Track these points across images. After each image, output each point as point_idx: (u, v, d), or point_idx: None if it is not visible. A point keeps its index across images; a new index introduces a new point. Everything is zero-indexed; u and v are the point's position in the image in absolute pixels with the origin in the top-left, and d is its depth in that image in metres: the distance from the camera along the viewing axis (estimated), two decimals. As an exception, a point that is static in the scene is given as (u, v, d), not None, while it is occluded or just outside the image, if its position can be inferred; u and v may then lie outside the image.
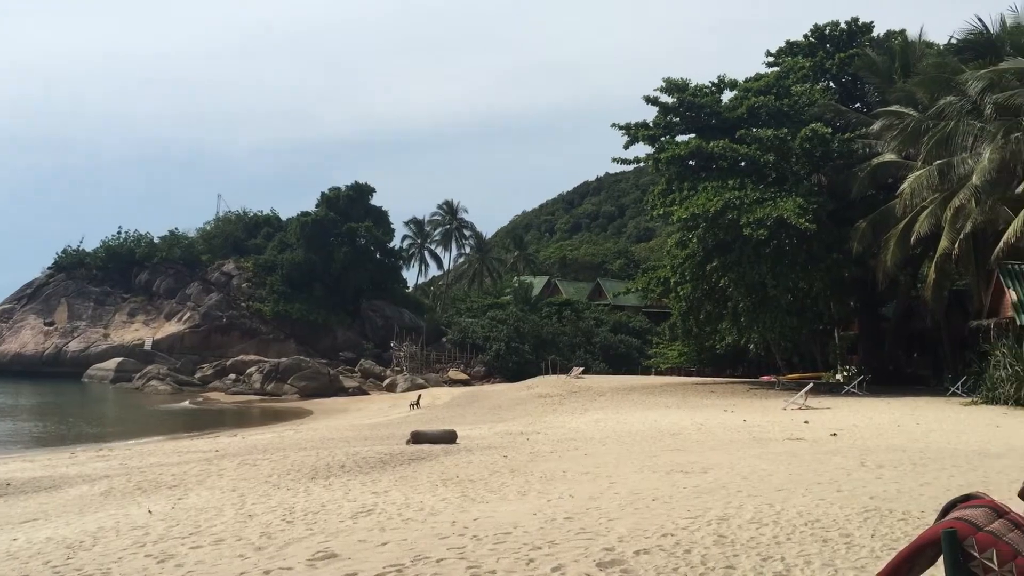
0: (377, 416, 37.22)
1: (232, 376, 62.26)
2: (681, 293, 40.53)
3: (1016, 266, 29.72)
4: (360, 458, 15.79)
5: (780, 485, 11.61)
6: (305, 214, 74.86)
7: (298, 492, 12.00)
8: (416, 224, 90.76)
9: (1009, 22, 34.43)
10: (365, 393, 57.73)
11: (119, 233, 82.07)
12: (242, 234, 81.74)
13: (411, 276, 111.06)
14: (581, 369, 54.46)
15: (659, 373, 59.77)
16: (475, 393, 47.91)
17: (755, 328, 40.78)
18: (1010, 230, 26.50)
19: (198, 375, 64.54)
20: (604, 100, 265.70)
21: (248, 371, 60.80)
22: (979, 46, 34.68)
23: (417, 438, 19.09)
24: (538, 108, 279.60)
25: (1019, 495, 7.92)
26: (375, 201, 77.56)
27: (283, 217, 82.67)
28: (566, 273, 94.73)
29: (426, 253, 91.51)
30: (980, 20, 35.82)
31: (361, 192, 76.42)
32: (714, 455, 15.28)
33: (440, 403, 42.01)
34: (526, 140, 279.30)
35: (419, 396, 42.42)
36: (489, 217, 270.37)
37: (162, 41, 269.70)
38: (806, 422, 22.76)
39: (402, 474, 13.74)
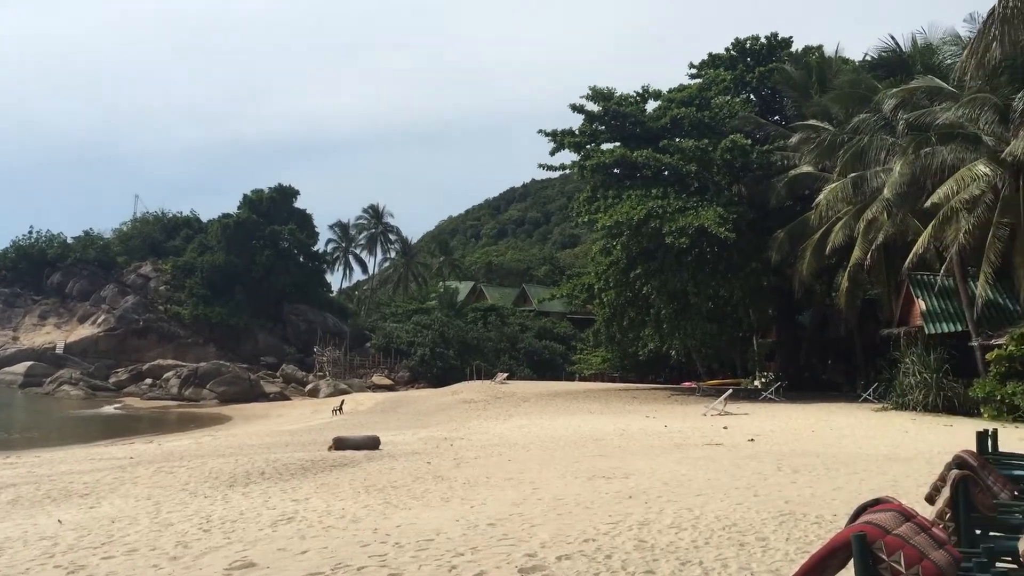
0: (299, 422, 36.72)
1: (148, 381, 60.73)
2: (605, 299, 40.97)
3: (925, 276, 30.82)
4: (280, 465, 15.55)
5: (699, 490, 11.82)
6: (227, 216, 73.47)
7: (216, 500, 11.75)
8: (341, 228, 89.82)
9: (920, 42, 35.76)
10: (287, 398, 56.90)
11: (30, 233, 79.49)
12: (160, 236, 79.80)
13: (335, 280, 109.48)
14: (506, 375, 54.59)
15: (583, 379, 60.28)
16: (399, 399, 47.63)
17: (677, 335, 41.48)
18: (919, 242, 27.44)
19: (113, 380, 62.76)
20: (529, 106, 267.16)
21: (165, 376, 59.39)
22: (892, 64, 35.91)
23: (339, 444, 18.89)
24: (461, 112, 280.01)
25: (926, 499, 8.21)
26: (299, 204, 76.66)
27: (204, 219, 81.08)
28: (492, 279, 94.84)
29: (351, 257, 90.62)
30: (893, 39, 37.22)
31: (285, 194, 75.35)
32: (636, 460, 15.47)
33: (363, 409, 41.65)
34: (452, 144, 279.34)
35: (342, 402, 42.00)
36: (415, 222, 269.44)
37: (71, 30, 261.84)
38: (725, 428, 23.21)
39: (323, 481, 13.58)
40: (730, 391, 33.45)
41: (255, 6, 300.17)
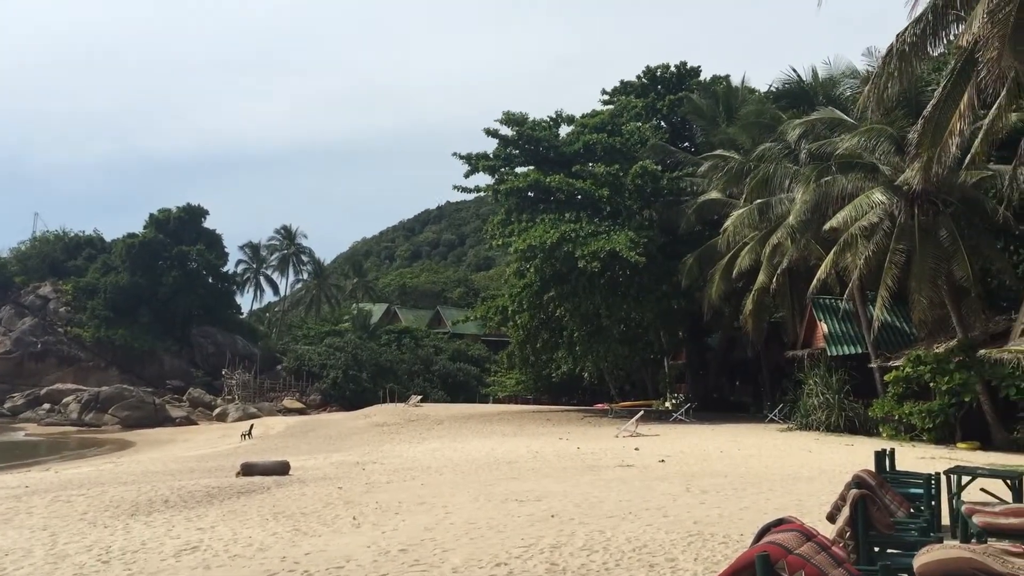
0: (206, 447, 35.75)
1: (47, 406, 58.33)
2: (519, 322, 41.16)
3: (827, 300, 31.86)
4: (185, 492, 15.11)
5: (611, 512, 11.93)
6: (132, 235, 71.42)
7: (116, 530, 11.35)
8: (252, 248, 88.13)
9: (821, 74, 37.15)
10: (194, 423, 55.37)
11: (-79, 251, 75.82)
12: (61, 255, 77.03)
13: (246, 302, 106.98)
14: (419, 397, 54.26)
15: (497, 401, 60.31)
16: (311, 422, 46.83)
17: (589, 357, 41.93)
18: (822, 267, 28.38)
19: (8, 405, 60.10)
20: (444, 128, 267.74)
21: (65, 401, 57.14)
22: (795, 95, 37.21)
23: (248, 470, 18.47)
24: (376, 133, 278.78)
25: (827, 517, 8.45)
26: (209, 224, 75.05)
27: (107, 238, 78.61)
28: (406, 301, 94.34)
29: (262, 278, 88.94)
30: (795, 71, 38.58)
31: (193, 214, 73.67)
32: (548, 483, 15.53)
33: (274, 433, 40.81)
34: (366, 165, 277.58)
35: (251, 426, 41.08)
36: (329, 243, 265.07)
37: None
38: (637, 449, 23.48)
39: (231, 508, 13.25)
40: (641, 413, 33.88)
41: (168, 21, 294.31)
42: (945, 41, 18.02)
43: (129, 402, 54.71)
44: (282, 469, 18.70)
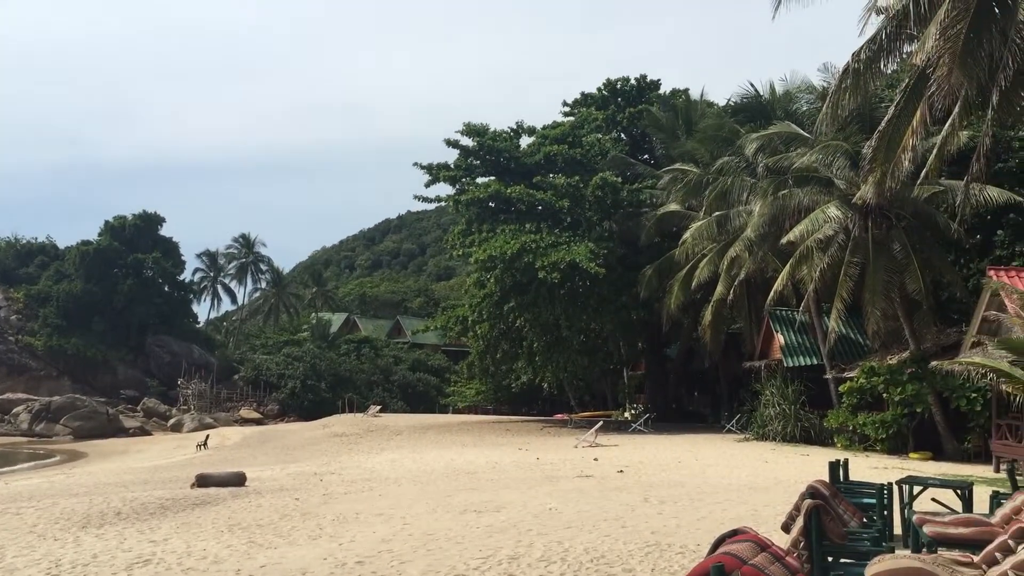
0: (160, 458, 35.22)
1: (-5, 416, 57.05)
2: (479, 332, 41.13)
3: (784, 312, 32.25)
4: (138, 504, 14.87)
5: (569, 522, 11.95)
6: (86, 243, 70.21)
7: (67, 543, 11.14)
8: (209, 256, 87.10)
9: (778, 89, 37.68)
10: (148, 434, 54.52)
11: None
12: (12, 262, 75.50)
13: (203, 311, 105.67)
14: (379, 407, 53.96)
15: (457, 411, 60.16)
16: (268, 432, 46.37)
17: (549, 367, 42.01)
18: (778, 279, 28.74)
19: (-45, 416, 58.66)
20: (406, 137, 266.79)
21: (15, 411, 55.97)
22: (753, 109, 37.70)
23: (203, 481, 18.23)
24: (337, 141, 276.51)
25: (782, 527, 8.53)
26: (165, 231, 74.02)
27: (61, 245, 77.19)
28: (366, 310, 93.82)
29: (219, 287, 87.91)
30: (753, 85, 39.07)
31: (150, 221, 72.66)
32: (507, 493, 15.53)
33: (230, 443, 40.33)
34: (326, 174, 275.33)
35: (207, 436, 40.58)
36: (288, 252, 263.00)
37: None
38: (596, 459, 23.55)
39: (184, 520, 13.07)
40: (601, 423, 33.98)
41: (123, 28, 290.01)
42: (898, 58, 18.41)
43: (81, 412, 53.74)
44: (238, 480, 18.48)
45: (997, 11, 16.17)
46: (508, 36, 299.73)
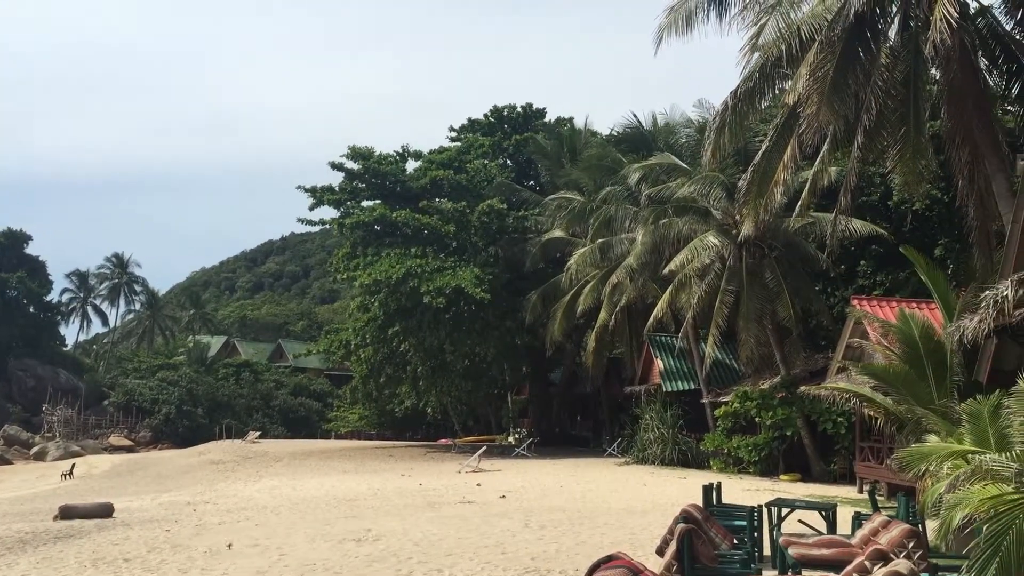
0: (21, 488, 33.32)
1: None
2: (363, 356, 40.67)
3: (663, 338, 33.08)
4: (-5, 539, 14.04)
5: (450, 549, 11.89)
6: (-56, 261, 66.34)
7: (-88, 583, 10.43)
8: (79, 277, 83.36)
9: (660, 121, 38.75)
10: (8, 463, 51.43)
11: None
12: None
13: (71, 333, 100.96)
14: (258, 433, 52.66)
15: (339, 437, 59.23)
16: (140, 461, 44.56)
17: (433, 392, 41.88)
18: (658, 306, 29.52)
19: None
20: (291, 158, 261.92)
21: None
22: (635, 139, 38.67)
23: (66, 513, 17.33)
24: (219, 160, 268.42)
25: (657, 551, 8.69)
26: (31, 250, 70.55)
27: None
28: (246, 333, 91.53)
29: (90, 308, 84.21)
30: (636, 116, 40.09)
31: (14, 239, 69.14)
32: (388, 521, 15.34)
33: (98, 472, 38.52)
34: (207, 193, 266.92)
35: (73, 465, 38.62)
36: (165, 273, 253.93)
37: None
38: (478, 485, 23.52)
39: (46, 555, 12.41)
40: (484, 448, 34.00)
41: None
42: (773, 95, 19.30)
43: (-66, 440, 50.44)
44: (105, 511, 17.66)
45: (862, 54, 17.14)
46: (391, 57, 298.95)
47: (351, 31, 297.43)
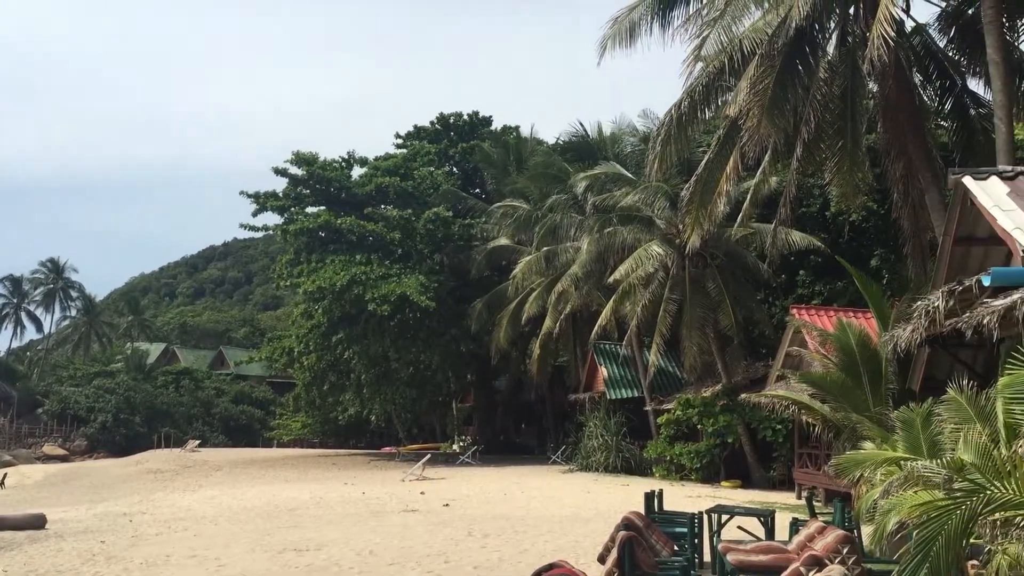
0: (-52, 500, 32.31)
1: None
2: (306, 363, 40.23)
3: (608, 346, 33.29)
4: (-80, 552, 13.59)
5: (392, 559, 11.81)
6: None
7: None
8: (13, 282, 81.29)
9: (606, 131, 39.07)
10: (-65, 473, 49.92)
11: None
12: None
13: (3, 340, 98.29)
14: (198, 442, 51.82)
15: (282, 445, 58.52)
16: (75, 470, 43.45)
17: (377, 399, 41.59)
18: (603, 314, 29.74)
19: None
20: (233, 163, 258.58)
21: None
22: (581, 148, 38.92)
23: (-4, 525, 16.85)
24: (160, 164, 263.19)
25: (598, 559, 8.74)
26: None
27: None
28: (187, 340, 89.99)
29: (23, 314, 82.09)
30: (582, 125, 40.35)
31: (-55, 242, 67.30)
32: (330, 530, 15.19)
33: (31, 482, 37.47)
34: (147, 197, 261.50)
35: (4, 475, 37.48)
36: (102, 278, 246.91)
37: None
38: (422, 493, 23.42)
39: (-27, 569, 12.05)
40: (429, 456, 33.86)
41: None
42: (715, 106, 19.59)
43: None
44: (37, 523, 17.19)
45: (801, 69, 17.50)
46: (337, 64, 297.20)
47: (298, 39, 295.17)
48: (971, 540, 6.31)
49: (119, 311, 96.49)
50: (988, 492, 4.44)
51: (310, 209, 40.64)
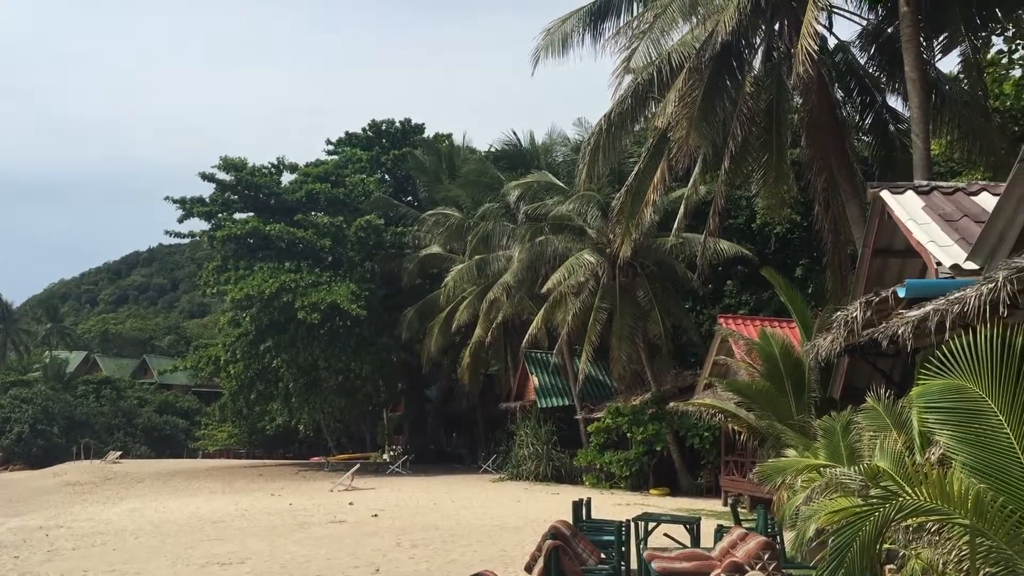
0: None
1: None
2: (232, 372, 39.49)
3: (539, 354, 33.40)
4: None
5: (319, 571, 11.65)
6: None
7: None
8: (-76, 287, 78.28)
9: (539, 140, 39.29)
10: None
11: None
12: None
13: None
14: (119, 453, 50.52)
15: (207, 456, 57.38)
16: (-12, 483, 41.97)
17: (306, 408, 41.04)
18: (534, 323, 29.84)
19: None
20: (159, 167, 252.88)
21: None
22: (514, 157, 39.05)
23: (-98, 542, 16.15)
24: (81, 167, 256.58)
25: (525, 568, 8.74)
26: None
27: None
28: (108, 349, 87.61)
29: (-65, 321, 79.08)
30: (515, 134, 40.45)
31: None
32: (255, 543, 14.92)
33: (-60, 497, 36.10)
34: (67, 201, 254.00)
35: (-88, 489, 36.05)
36: (19, 284, 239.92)
37: None
38: (351, 503, 23.16)
39: None
40: (358, 466, 33.52)
41: None
42: (644, 118, 19.85)
43: None
44: (-54, 539, 16.54)
45: (728, 83, 17.86)
46: (269, 69, 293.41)
47: (225, 42, 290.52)
48: (886, 545, 6.48)
49: (37, 318, 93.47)
50: (901, 499, 4.54)
51: (238, 215, 39.99)
